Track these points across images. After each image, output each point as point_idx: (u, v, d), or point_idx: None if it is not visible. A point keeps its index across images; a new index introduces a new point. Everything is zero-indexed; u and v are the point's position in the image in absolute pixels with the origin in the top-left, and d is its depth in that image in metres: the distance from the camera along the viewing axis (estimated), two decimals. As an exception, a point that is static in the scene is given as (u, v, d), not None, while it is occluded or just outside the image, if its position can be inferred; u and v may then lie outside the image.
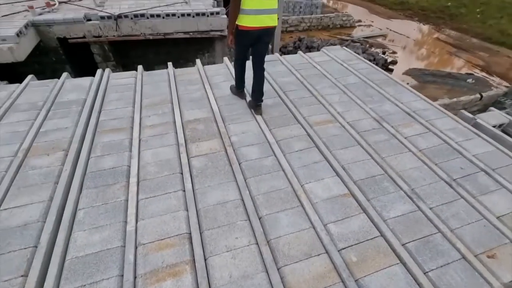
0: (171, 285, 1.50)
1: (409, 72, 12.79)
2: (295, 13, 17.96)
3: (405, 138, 2.59)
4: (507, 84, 11.34)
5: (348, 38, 15.64)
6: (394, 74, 12.38)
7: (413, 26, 18.46)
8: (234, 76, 3.08)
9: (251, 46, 2.60)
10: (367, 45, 15.13)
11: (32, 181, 2.04)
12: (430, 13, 20.04)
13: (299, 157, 2.35)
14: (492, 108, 3.28)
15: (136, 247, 1.66)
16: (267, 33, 2.47)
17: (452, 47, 15.69)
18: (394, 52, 14.76)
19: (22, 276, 1.50)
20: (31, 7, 5.26)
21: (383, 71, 3.74)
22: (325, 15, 17.39)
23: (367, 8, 21.83)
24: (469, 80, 11.82)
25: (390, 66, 12.98)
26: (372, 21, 18.92)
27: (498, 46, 15.79)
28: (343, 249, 1.70)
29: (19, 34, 4.71)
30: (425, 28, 18.42)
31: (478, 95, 7.92)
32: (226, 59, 3.91)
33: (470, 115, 3.01)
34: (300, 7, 18.35)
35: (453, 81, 12.10)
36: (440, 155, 2.42)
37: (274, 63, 3.88)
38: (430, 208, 1.97)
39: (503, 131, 3.05)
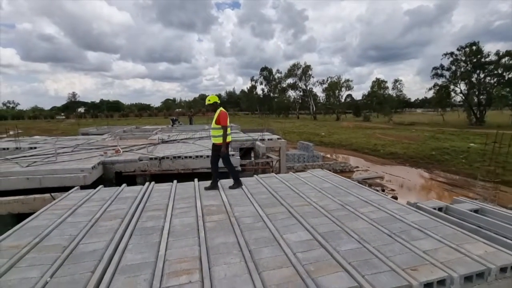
0: (186, 279, 2.25)
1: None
2: (299, 162, 21.33)
3: (361, 213, 3.55)
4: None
5: (350, 180, 17.76)
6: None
7: (406, 170, 20.93)
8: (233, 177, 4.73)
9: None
10: (367, 185, 16.94)
11: (100, 231, 3.07)
12: (419, 160, 23.08)
13: (281, 222, 3.31)
14: (432, 199, 4.24)
15: (164, 262, 2.49)
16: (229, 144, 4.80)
17: (447, 185, 17.16)
18: (392, 190, 16.24)
19: (91, 272, 2.33)
20: (105, 153, 7.64)
21: (351, 180, 5.04)
22: (325, 162, 20.58)
23: (363, 158, 25.59)
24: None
25: (390, 201, 14.05)
26: (368, 167, 21.81)
27: (492, 184, 17.13)
28: (305, 264, 2.43)
29: (93, 167, 6.72)
30: (418, 171, 20.78)
31: None
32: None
33: (413, 202, 3.97)
34: (304, 158, 22.01)
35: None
36: (385, 221, 3.30)
37: (270, 178, 5.35)
38: (373, 247, 2.72)
39: (445, 212, 3.87)
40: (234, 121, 37.68)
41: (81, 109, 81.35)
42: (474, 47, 41.57)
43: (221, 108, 4.58)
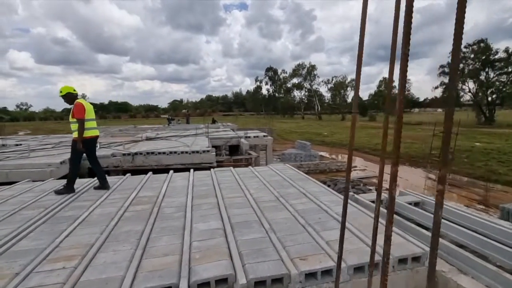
0: (61, 265, 2.19)
1: (403, 206, 13.29)
2: (296, 161, 21.11)
3: (290, 204, 3.42)
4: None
5: (343, 179, 17.43)
6: (386, 207, 12.90)
7: (404, 169, 20.41)
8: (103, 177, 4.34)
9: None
10: (362, 184, 16.59)
11: (15, 220, 3.07)
12: (420, 159, 22.50)
13: (202, 212, 3.22)
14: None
15: (54, 248, 2.44)
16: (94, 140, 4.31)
17: (447, 185, 16.61)
18: (386, 189, 15.85)
19: None
20: (78, 148, 7.72)
21: (304, 174, 4.90)
22: (322, 161, 20.28)
23: (362, 157, 25.15)
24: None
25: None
26: (366, 166, 21.40)
27: (493, 184, 16.49)
28: (194, 252, 2.34)
29: (62, 162, 6.79)
30: (417, 170, 20.23)
31: None
32: (192, 170, 5.38)
33: (351, 194, 3.81)
34: (301, 157, 21.77)
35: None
36: (308, 212, 3.17)
37: (224, 172, 5.26)
38: (277, 236, 2.60)
39: (385, 205, 3.70)
40: (238, 121, 37.84)
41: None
42: (482, 44, 40.35)
43: (78, 99, 4.13)
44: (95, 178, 4.90)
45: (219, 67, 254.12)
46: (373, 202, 3.65)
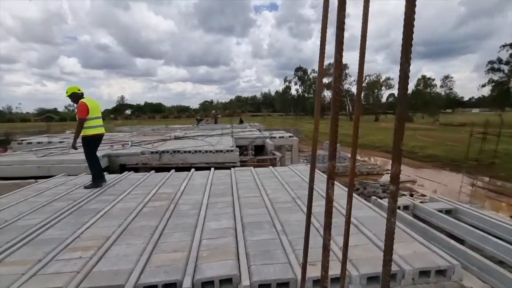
0: (78, 255, 2.32)
1: (440, 213, 12.25)
2: (324, 163, 20.54)
3: (306, 206, 3.28)
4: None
5: (373, 182, 16.59)
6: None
7: (444, 174, 18.82)
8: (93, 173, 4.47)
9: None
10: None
11: (46, 210, 3.32)
12: (462, 163, 20.61)
13: (216, 211, 3.23)
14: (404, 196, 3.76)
15: (75, 238, 2.60)
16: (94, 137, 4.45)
17: (492, 192, 15.01)
18: (423, 195, 14.74)
19: (6, 242, 2.53)
20: (112, 146, 8.23)
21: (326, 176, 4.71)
22: (351, 164, 19.49)
23: (396, 160, 23.71)
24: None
25: (417, 207, 12.78)
26: (401, 170, 20.11)
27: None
28: (202, 250, 2.34)
29: (96, 159, 7.27)
30: (459, 176, 18.54)
31: None
32: (212, 169, 5.45)
33: (374, 198, 3.56)
34: (329, 158, 21.16)
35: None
36: (325, 215, 3.01)
37: (244, 171, 5.25)
38: (288, 239, 2.51)
39: (412, 211, 3.39)
40: (265, 122, 37.94)
41: (128, 111, 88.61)
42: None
43: (83, 99, 4.22)
44: (123, 173, 5.17)
45: (248, 68, 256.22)
46: (398, 208, 3.38)
